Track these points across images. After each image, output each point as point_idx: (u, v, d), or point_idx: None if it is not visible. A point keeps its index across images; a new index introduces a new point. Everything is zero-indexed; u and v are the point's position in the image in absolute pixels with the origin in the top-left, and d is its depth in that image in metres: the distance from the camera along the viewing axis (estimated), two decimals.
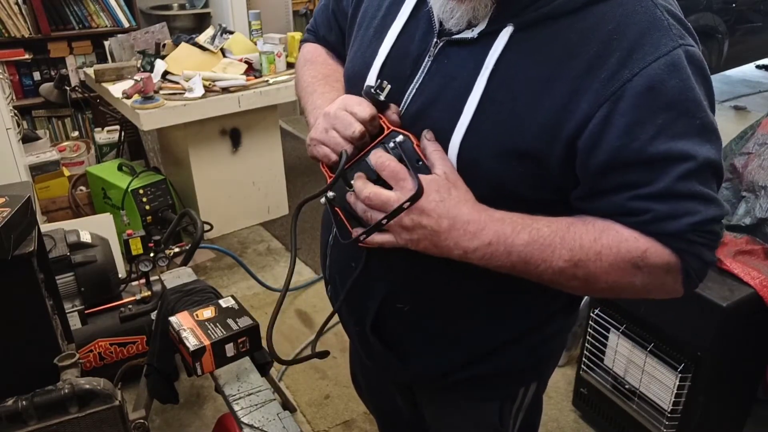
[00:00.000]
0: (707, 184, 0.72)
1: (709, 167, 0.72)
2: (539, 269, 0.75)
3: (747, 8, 5.29)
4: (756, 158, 1.86)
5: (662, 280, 0.76)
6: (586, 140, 0.71)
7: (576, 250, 0.73)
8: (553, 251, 0.74)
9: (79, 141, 3.88)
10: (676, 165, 0.70)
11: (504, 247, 0.74)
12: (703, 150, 0.70)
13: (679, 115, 0.69)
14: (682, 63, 0.69)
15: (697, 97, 0.70)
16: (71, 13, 3.97)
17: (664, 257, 0.74)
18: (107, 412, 1.09)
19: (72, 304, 2.09)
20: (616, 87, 0.69)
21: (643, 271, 0.74)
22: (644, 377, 1.76)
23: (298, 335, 2.54)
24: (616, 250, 0.73)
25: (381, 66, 0.86)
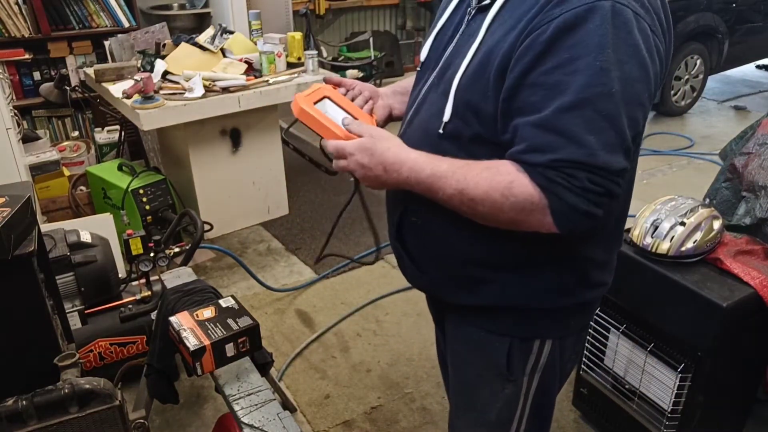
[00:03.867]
0: (589, 125, 0.79)
1: (595, 106, 0.79)
2: (439, 196, 0.93)
3: (747, 8, 5.29)
4: (756, 158, 1.86)
5: (527, 213, 0.86)
6: (514, 60, 0.86)
7: (461, 180, 0.89)
8: (445, 181, 0.91)
9: (79, 141, 3.88)
10: (561, 96, 0.80)
11: (415, 179, 0.94)
12: (592, 90, 0.79)
13: (581, 55, 0.80)
14: (603, 13, 0.79)
15: (602, 44, 0.79)
16: (71, 13, 3.97)
17: (528, 190, 0.84)
18: (107, 412, 1.09)
19: (72, 304, 2.08)
20: (543, 21, 0.82)
21: (509, 201, 0.86)
22: (644, 377, 1.76)
23: (299, 335, 2.54)
24: (490, 180, 0.87)
25: (432, 40, 1.09)
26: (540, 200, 0.84)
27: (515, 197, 0.85)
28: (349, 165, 1.00)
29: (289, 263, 3.11)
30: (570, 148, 0.80)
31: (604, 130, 0.80)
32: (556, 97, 0.81)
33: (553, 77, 0.81)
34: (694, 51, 5.06)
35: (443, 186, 0.92)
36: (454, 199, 0.92)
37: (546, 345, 1.10)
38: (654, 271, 1.64)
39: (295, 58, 3.46)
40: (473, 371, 1.19)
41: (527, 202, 0.85)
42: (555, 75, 0.81)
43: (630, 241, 1.72)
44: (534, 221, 0.86)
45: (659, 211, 1.67)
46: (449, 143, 0.99)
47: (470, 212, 0.93)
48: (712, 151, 4.31)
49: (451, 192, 0.91)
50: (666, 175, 4.12)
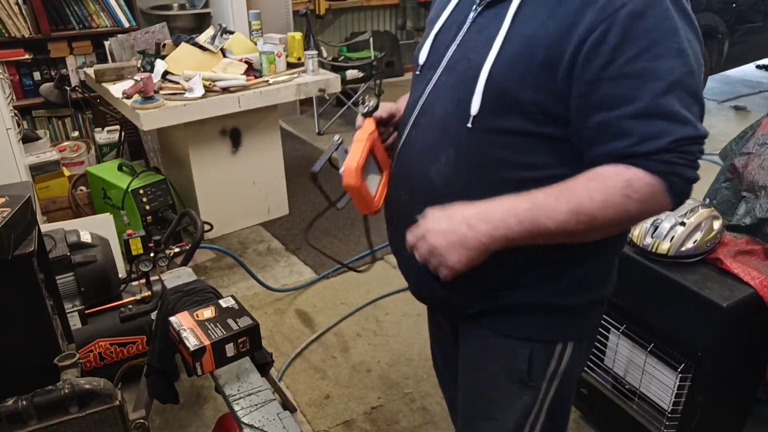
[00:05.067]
0: (683, 103, 0.84)
1: (684, 85, 0.84)
2: (548, 226, 0.88)
3: (747, 8, 5.29)
4: (756, 158, 1.86)
5: (651, 203, 0.87)
6: (584, 54, 0.86)
7: (571, 199, 0.87)
8: (553, 208, 0.87)
9: (79, 141, 3.88)
10: (653, 82, 0.83)
11: (514, 218, 0.89)
12: (679, 70, 0.84)
13: (659, 40, 0.84)
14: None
15: (674, 26, 0.85)
16: (71, 13, 3.97)
17: (647, 180, 0.85)
18: (107, 412, 1.09)
19: (72, 304, 2.08)
20: (609, 13, 0.84)
21: (633, 198, 0.85)
22: (644, 377, 1.76)
23: (299, 335, 2.54)
24: (603, 187, 0.86)
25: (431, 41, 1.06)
26: (660, 186, 0.85)
27: (638, 192, 0.85)
28: (430, 241, 0.93)
29: (289, 263, 3.11)
30: (681, 128, 0.84)
31: (694, 104, 0.86)
32: (647, 84, 0.83)
33: (637, 66, 0.84)
34: None
35: (552, 214, 0.87)
36: (568, 223, 0.87)
37: (567, 348, 1.08)
38: (654, 271, 1.64)
39: (295, 58, 3.46)
40: (490, 378, 1.14)
41: (650, 193, 0.85)
42: (639, 63, 0.83)
43: (630, 241, 1.72)
44: (655, 208, 0.88)
45: None
46: (482, 138, 0.95)
47: (586, 230, 0.89)
48: (712, 151, 4.29)
49: (563, 217, 0.87)
50: None
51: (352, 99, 5.05)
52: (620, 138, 0.85)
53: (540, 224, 0.88)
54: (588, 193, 0.86)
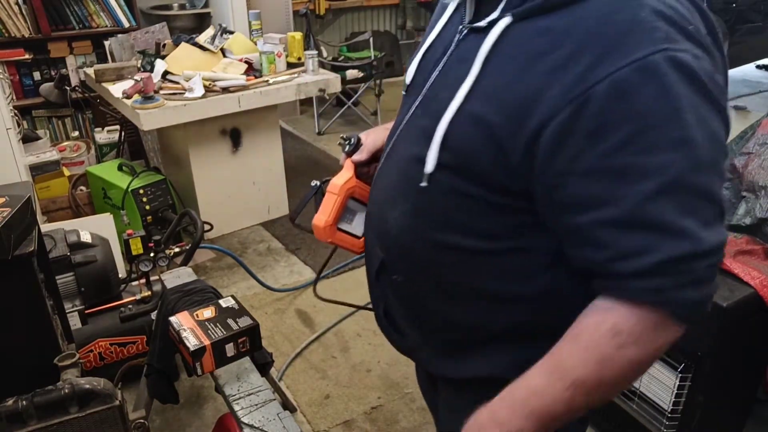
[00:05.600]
0: (683, 209, 0.65)
1: (686, 185, 0.65)
2: (558, 410, 0.74)
3: (747, 8, 5.29)
4: (756, 158, 1.86)
5: (654, 338, 0.70)
6: (548, 138, 0.69)
7: (564, 375, 0.72)
8: (550, 391, 0.73)
9: (79, 141, 3.88)
10: (639, 182, 0.64)
11: (519, 416, 0.75)
12: (679, 165, 0.64)
13: (650, 126, 0.64)
14: (661, 69, 0.63)
15: (677, 107, 0.64)
16: (71, 13, 3.97)
17: (635, 319, 0.68)
18: (107, 412, 1.09)
19: (72, 304, 2.09)
20: (582, 89, 0.65)
21: (629, 345, 0.69)
22: (644, 377, 1.76)
23: (299, 335, 2.54)
24: (591, 347, 0.71)
25: (419, 60, 0.92)
26: (655, 319, 0.68)
27: (632, 336, 0.68)
28: None
29: (289, 263, 3.10)
30: (673, 243, 0.65)
31: (701, 208, 0.66)
32: (632, 184, 0.65)
33: (618, 160, 0.65)
34: None
35: (553, 398, 0.73)
36: (575, 400, 0.72)
37: None
38: None
39: (295, 58, 3.46)
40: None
41: (647, 331, 0.69)
42: (621, 157, 0.65)
43: None
44: (662, 342, 0.71)
45: None
46: (437, 198, 0.82)
47: (603, 394, 0.74)
48: None
49: (567, 395, 0.72)
50: None
51: (352, 99, 5.05)
52: (595, 248, 0.69)
53: (548, 413, 0.74)
54: (580, 361, 0.71)
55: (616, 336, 0.69)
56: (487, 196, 0.77)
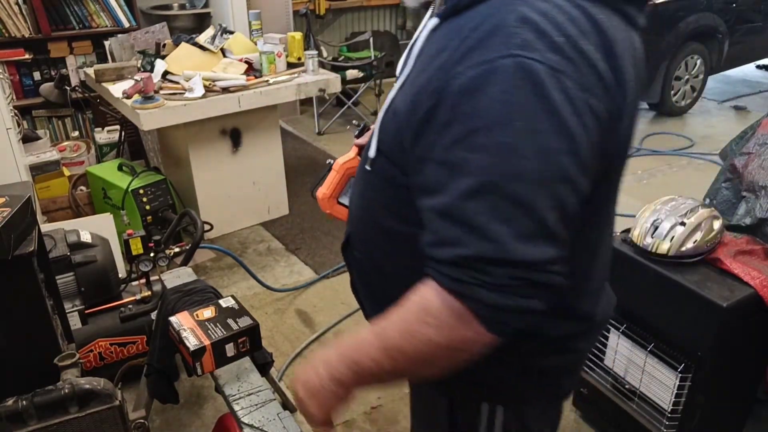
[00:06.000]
0: (496, 213, 0.65)
1: (503, 192, 0.65)
2: (369, 366, 0.77)
3: (747, 8, 5.28)
4: (756, 158, 1.86)
5: (456, 331, 0.70)
6: (418, 126, 0.73)
7: (380, 333, 0.76)
8: (369, 346, 0.77)
9: (80, 141, 3.88)
10: (463, 178, 0.67)
11: (345, 364, 0.79)
12: (499, 170, 0.65)
13: (483, 126, 0.65)
14: (506, 74, 0.64)
15: (509, 113, 0.64)
16: (71, 13, 3.97)
17: (441, 301, 0.69)
18: (107, 412, 1.09)
19: (72, 304, 2.09)
20: (444, 83, 0.69)
21: (432, 325, 0.70)
22: (644, 377, 1.76)
23: (299, 335, 2.54)
24: (404, 313, 0.73)
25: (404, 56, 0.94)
26: (461, 309, 0.69)
27: (437, 319, 0.70)
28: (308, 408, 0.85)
29: (289, 263, 3.10)
30: (478, 243, 0.66)
31: (517, 218, 0.65)
32: (460, 179, 0.67)
33: (454, 154, 0.68)
34: (694, 51, 5.06)
35: (368, 353, 0.76)
36: (383, 362, 0.75)
37: (498, 411, 0.94)
38: (654, 271, 1.64)
39: (295, 58, 3.46)
40: (422, 428, 1.10)
41: (450, 319, 0.69)
42: (456, 151, 0.67)
43: (630, 241, 1.72)
44: (468, 336, 0.70)
45: (659, 211, 1.67)
46: (375, 181, 0.87)
47: (403, 369, 0.77)
48: (712, 151, 4.31)
49: (378, 356, 0.75)
50: (666, 175, 4.12)
51: (352, 99, 5.05)
52: (427, 232, 0.72)
53: (362, 368, 0.77)
54: (393, 327, 0.74)
55: (422, 313, 0.72)
56: (408, 183, 0.79)
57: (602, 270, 0.95)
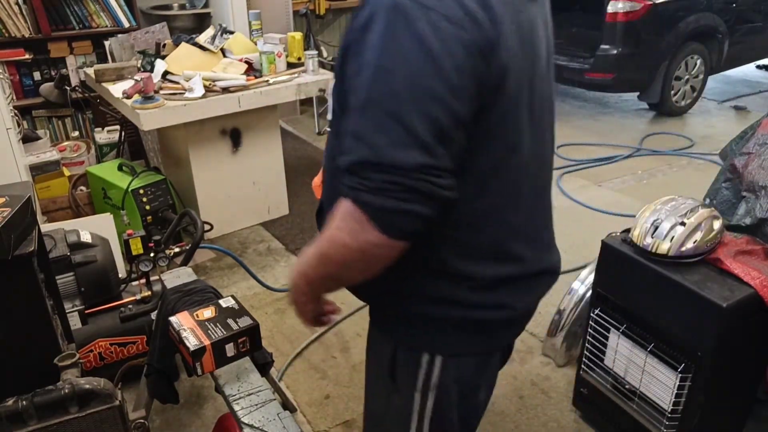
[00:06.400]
0: (377, 125, 0.78)
1: (381, 107, 0.78)
2: (315, 274, 0.92)
3: (747, 8, 5.29)
4: (756, 158, 1.86)
5: (360, 232, 0.81)
6: (340, 70, 0.88)
7: (316, 244, 0.89)
8: (311, 257, 0.90)
9: (79, 141, 3.88)
10: (355, 98, 0.81)
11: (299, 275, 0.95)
12: (375, 89, 0.78)
13: (365, 56, 0.80)
14: (386, 12, 0.79)
15: (384, 42, 0.78)
16: (71, 13, 3.97)
17: (347, 207, 0.81)
18: (107, 412, 1.09)
19: (72, 304, 2.09)
20: (351, 27, 0.85)
21: (343, 230, 0.82)
22: (644, 377, 1.76)
23: (299, 335, 2.54)
24: (329, 224, 0.85)
25: None
26: (360, 215, 0.80)
27: (345, 223, 0.82)
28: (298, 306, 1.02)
29: (289, 263, 3.10)
30: (360, 150, 0.78)
31: (392, 129, 0.77)
32: (352, 100, 0.81)
33: (353, 81, 0.82)
34: (694, 51, 5.06)
35: (310, 263, 0.91)
36: (318, 269, 0.91)
37: (437, 361, 1.02)
38: (654, 271, 1.64)
39: (295, 58, 3.46)
40: (370, 372, 1.17)
41: (353, 223, 0.81)
42: (353, 78, 0.82)
43: (630, 241, 1.72)
44: (370, 239, 0.81)
45: (659, 211, 1.67)
46: (335, 141, 0.96)
47: (332, 272, 0.90)
48: (712, 151, 4.31)
49: (314, 262, 0.90)
50: (666, 175, 4.12)
51: None
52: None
53: (309, 274, 0.93)
54: (323, 236, 0.87)
55: (337, 220, 0.83)
56: None
57: (527, 220, 1.02)
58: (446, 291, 0.98)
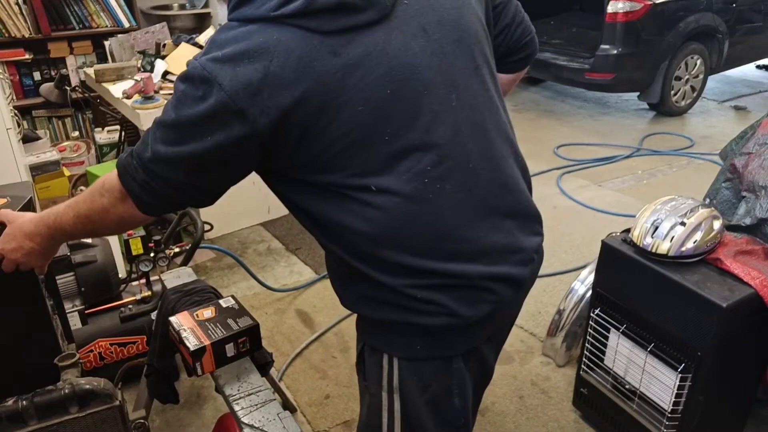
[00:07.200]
0: (150, 135, 0.95)
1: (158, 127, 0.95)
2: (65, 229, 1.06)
3: (747, 8, 5.29)
4: (756, 158, 1.86)
5: (118, 205, 0.98)
6: None
7: (73, 206, 1.04)
8: (64, 215, 1.05)
9: (80, 141, 3.88)
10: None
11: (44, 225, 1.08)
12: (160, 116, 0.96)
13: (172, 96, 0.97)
14: (189, 69, 0.94)
15: (176, 92, 0.95)
16: (71, 13, 3.97)
17: (115, 180, 0.98)
18: (107, 412, 1.09)
19: (72, 304, 2.09)
20: None
21: (104, 195, 0.99)
22: (644, 377, 1.76)
23: (299, 335, 2.54)
24: (93, 189, 1.01)
25: None
26: (122, 189, 0.98)
27: (107, 192, 0.99)
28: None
29: (289, 263, 3.11)
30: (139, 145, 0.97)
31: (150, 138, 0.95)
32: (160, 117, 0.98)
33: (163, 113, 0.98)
34: (694, 51, 5.06)
35: (62, 219, 1.05)
36: (76, 225, 1.04)
37: (395, 362, 1.05)
38: (654, 271, 1.64)
39: None
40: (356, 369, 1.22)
41: (116, 194, 0.99)
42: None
43: (630, 241, 1.72)
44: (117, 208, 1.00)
45: (659, 211, 1.68)
46: None
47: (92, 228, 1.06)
48: (712, 151, 4.31)
49: (71, 219, 1.04)
50: (666, 175, 4.12)
51: None
52: None
53: (55, 228, 1.07)
54: (84, 198, 1.03)
55: (102, 188, 1.00)
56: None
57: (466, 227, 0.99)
58: (390, 296, 1.00)
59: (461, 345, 1.07)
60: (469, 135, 0.98)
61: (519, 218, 1.06)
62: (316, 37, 0.87)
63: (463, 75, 0.98)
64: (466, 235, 0.99)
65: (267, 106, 0.86)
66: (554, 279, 2.87)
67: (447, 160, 0.95)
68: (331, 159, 0.91)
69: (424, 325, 1.02)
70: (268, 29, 0.87)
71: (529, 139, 4.61)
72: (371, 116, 0.90)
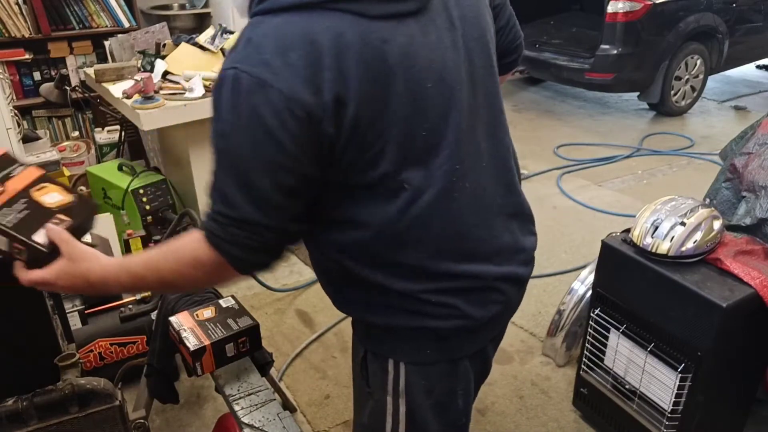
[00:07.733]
0: (228, 181, 0.85)
1: (224, 167, 0.86)
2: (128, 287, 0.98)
3: (747, 8, 5.29)
4: (756, 158, 1.86)
5: (215, 273, 0.91)
6: None
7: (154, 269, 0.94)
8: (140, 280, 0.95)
9: (80, 141, 3.87)
10: (212, 156, 0.88)
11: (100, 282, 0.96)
12: (218, 152, 0.86)
13: (213, 118, 0.84)
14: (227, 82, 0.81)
15: (225, 112, 0.82)
16: (71, 13, 3.97)
17: (210, 254, 0.88)
18: (107, 412, 1.09)
19: (72, 304, 2.08)
20: None
21: (202, 271, 0.91)
22: (644, 377, 1.76)
23: (299, 335, 2.54)
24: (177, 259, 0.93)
25: None
26: (220, 259, 0.89)
27: (206, 266, 0.91)
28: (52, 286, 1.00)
29: (289, 263, 3.11)
30: (217, 203, 0.87)
31: (233, 186, 0.85)
32: (212, 159, 0.88)
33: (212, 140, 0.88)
34: (694, 51, 5.06)
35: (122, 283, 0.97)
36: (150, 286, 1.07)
37: (401, 367, 1.04)
38: (654, 271, 1.64)
39: None
40: (353, 380, 1.18)
41: (215, 265, 0.91)
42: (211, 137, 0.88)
43: (630, 241, 1.72)
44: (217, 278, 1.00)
45: (659, 211, 1.68)
46: None
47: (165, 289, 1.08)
48: (712, 151, 4.31)
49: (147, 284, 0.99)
50: (666, 175, 4.12)
51: None
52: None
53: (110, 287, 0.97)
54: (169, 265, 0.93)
55: (195, 260, 0.90)
56: None
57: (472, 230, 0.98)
58: (399, 302, 0.99)
59: (470, 346, 1.07)
60: (484, 134, 0.98)
61: (519, 218, 1.07)
62: (363, 22, 0.81)
63: (481, 73, 0.98)
64: (483, 234, 0.99)
65: (324, 101, 0.80)
66: (554, 279, 2.87)
67: (468, 158, 0.94)
68: (376, 155, 0.86)
69: (434, 329, 1.00)
70: (312, 16, 0.80)
71: (529, 139, 4.61)
72: (413, 108, 0.86)
